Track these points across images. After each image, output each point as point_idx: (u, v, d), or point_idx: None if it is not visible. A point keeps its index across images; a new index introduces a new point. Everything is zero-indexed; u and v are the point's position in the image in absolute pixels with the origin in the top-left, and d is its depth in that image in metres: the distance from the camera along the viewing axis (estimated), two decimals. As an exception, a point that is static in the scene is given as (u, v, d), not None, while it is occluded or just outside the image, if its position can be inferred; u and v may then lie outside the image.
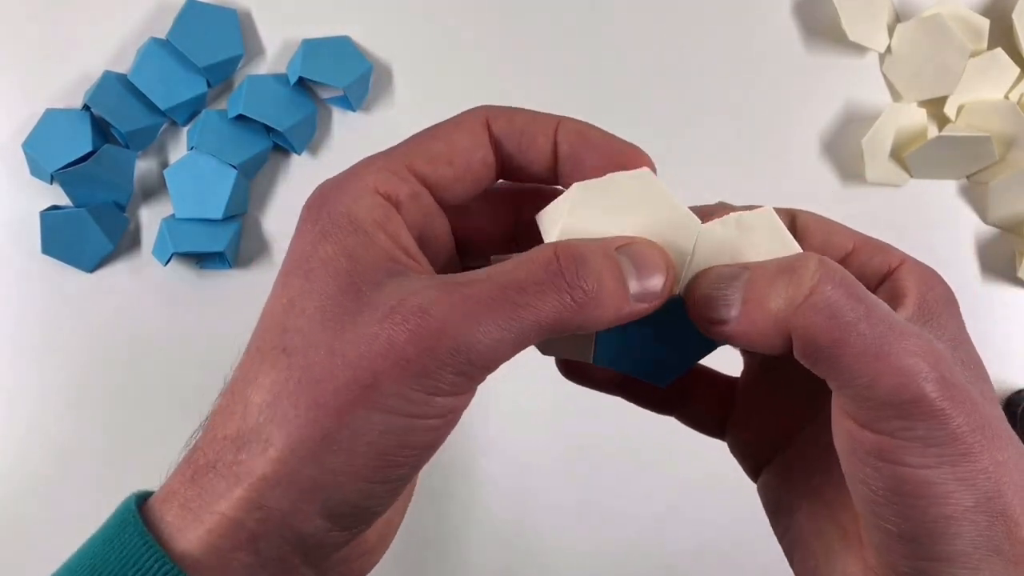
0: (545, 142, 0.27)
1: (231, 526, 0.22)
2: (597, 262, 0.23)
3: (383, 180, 0.25)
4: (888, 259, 0.26)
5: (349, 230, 0.23)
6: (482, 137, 0.27)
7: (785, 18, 0.52)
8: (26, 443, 0.50)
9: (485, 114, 0.27)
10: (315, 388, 0.22)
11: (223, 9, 0.50)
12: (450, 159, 0.26)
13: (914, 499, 0.23)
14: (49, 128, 0.48)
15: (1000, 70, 0.51)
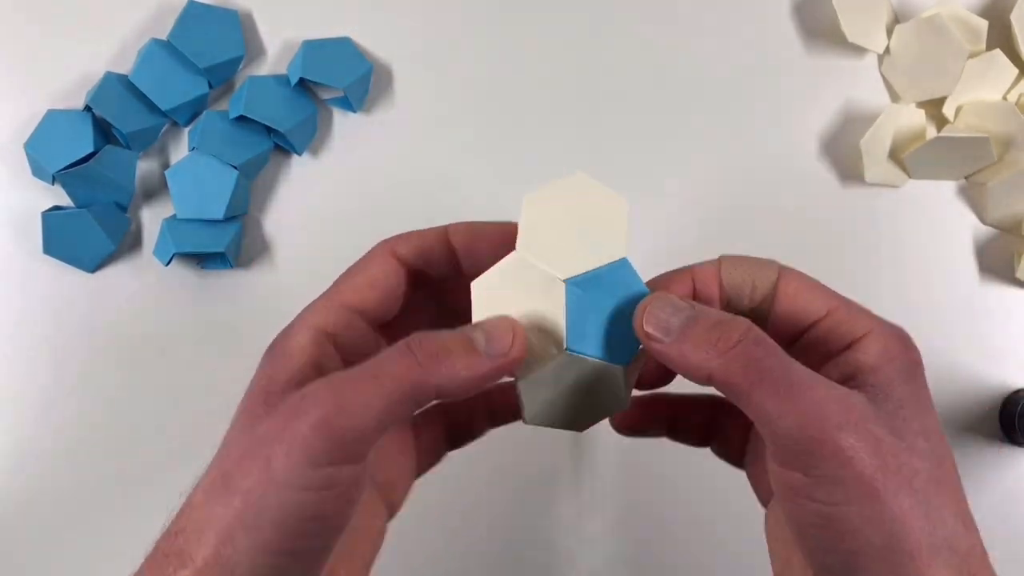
0: (441, 249, 0.33)
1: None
2: (443, 336, 0.28)
3: (321, 317, 0.31)
4: (855, 329, 0.29)
5: (277, 358, 0.30)
6: (391, 263, 0.33)
7: (784, 19, 0.52)
8: (27, 443, 0.50)
9: (389, 246, 0.33)
10: (229, 481, 0.27)
11: (224, 10, 0.50)
12: (371, 287, 0.32)
13: (829, 533, 0.25)
14: (51, 129, 0.48)
15: (998, 71, 0.51)
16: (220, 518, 0.27)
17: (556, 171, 0.51)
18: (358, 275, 0.32)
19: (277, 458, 0.26)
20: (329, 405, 0.26)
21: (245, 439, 0.28)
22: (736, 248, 0.51)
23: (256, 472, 0.26)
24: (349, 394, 0.27)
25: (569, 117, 0.52)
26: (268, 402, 0.28)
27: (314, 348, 0.30)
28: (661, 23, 0.52)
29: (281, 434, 0.26)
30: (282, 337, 0.31)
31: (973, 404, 0.51)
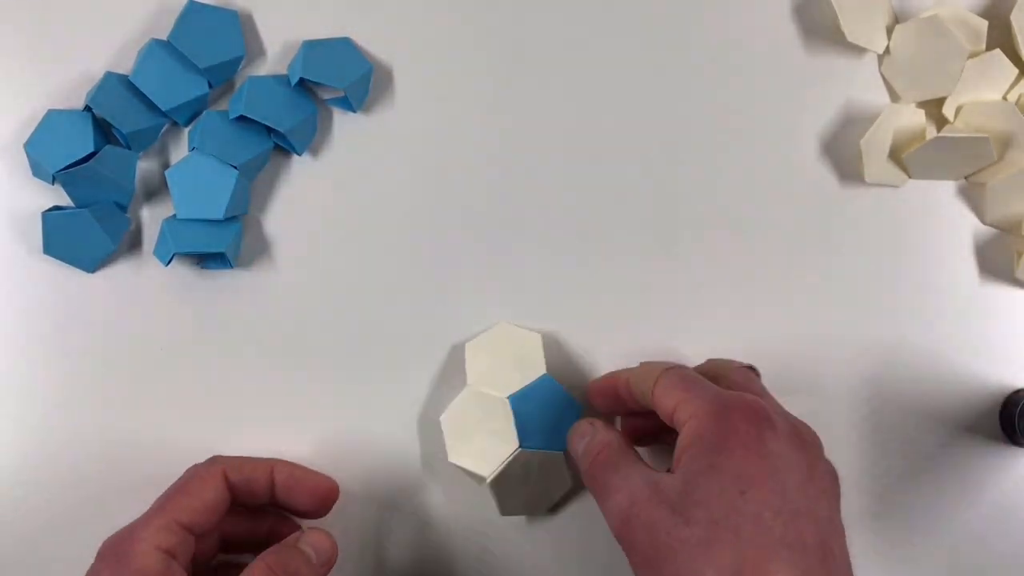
0: (265, 481, 0.42)
1: None
2: (290, 558, 0.38)
3: (163, 538, 0.37)
4: (682, 417, 0.37)
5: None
6: (220, 484, 0.40)
7: (783, 19, 0.52)
8: (27, 443, 0.50)
9: (222, 467, 0.41)
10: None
11: (224, 10, 0.50)
12: (203, 508, 0.39)
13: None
14: (51, 129, 0.48)
15: (998, 71, 0.51)
16: None
17: (555, 170, 0.52)
18: (193, 496, 0.39)
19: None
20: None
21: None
22: (736, 248, 0.51)
23: None
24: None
25: (568, 116, 0.52)
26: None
27: (167, 572, 0.36)
28: (661, 23, 0.52)
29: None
30: (126, 553, 0.36)
31: (973, 404, 0.51)
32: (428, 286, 0.51)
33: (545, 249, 0.51)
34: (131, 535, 0.37)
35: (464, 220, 0.52)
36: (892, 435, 0.51)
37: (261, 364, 0.51)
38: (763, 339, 0.51)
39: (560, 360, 0.50)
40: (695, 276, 0.51)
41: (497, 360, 0.46)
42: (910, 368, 0.52)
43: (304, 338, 0.51)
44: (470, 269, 0.51)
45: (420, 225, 0.51)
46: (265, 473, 0.42)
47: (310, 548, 0.39)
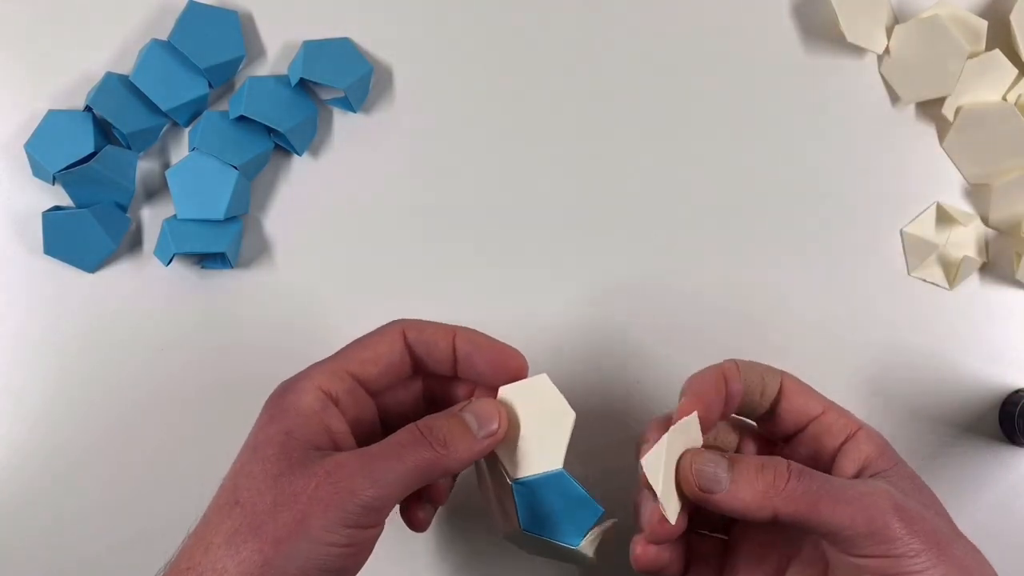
0: (446, 347, 0.38)
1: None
2: (446, 423, 0.34)
3: (326, 381, 0.35)
4: (849, 424, 0.36)
5: (292, 415, 0.34)
6: (399, 344, 0.37)
7: (783, 19, 0.52)
8: (27, 443, 0.50)
9: (402, 327, 0.38)
10: (260, 528, 0.31)
11: (224, 11, 0.50)
12: (375, 362, 0.37)
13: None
14: (51, 129, 0.48)
15: (998, 71, 0.51)
16: (249, 561, 0.30)
17: (555, 170, 0.52)
18: (368, 348, 0.37)
19: (315, 515, 0.30)
20: (362, 477, 0.31)
21: (272, 491, 0.31)
22: (736, 247, 0.51)
23: (291, 524, 0.30)
24: (378, 470, 0.32)
25: (568, 116, 0.52)
26: (290, 459, 0.32)
27: (323, 411, 0.34)
28: (660, 23, 0.52)
29: (317, 493, 0.31)
30: (290, 392, 0.35)
31: (973, 404, 0.51)
32: (428, 286, 0.51)
33: (545, 249, 0.51)
34: (300, 376, 0.36)
35: (464, 220, 0.52)
36: (892, 435, 0.51)
37: (261, 364, 0.51)
38: (763, 339, 0.51)
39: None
40: (696, 277, 0.51)
41: (523, 424, 0.38)
42: (910, 368, 0.51)
43: (304, 338, 0.51)
44: (470, 269, 0.51)
45: (420, 225, 0.51)
46: (446, 337, 0.38)
47: (472, 416, 0.35)
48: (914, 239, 0.51)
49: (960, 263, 0.51)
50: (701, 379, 0.36)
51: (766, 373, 0.37)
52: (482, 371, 0.38)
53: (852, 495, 0.32)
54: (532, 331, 0.50)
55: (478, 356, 0.37)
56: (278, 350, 0.51)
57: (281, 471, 0.32)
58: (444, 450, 0.33)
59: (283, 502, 0.31)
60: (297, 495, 0.31)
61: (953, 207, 0.52)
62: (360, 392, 0.37)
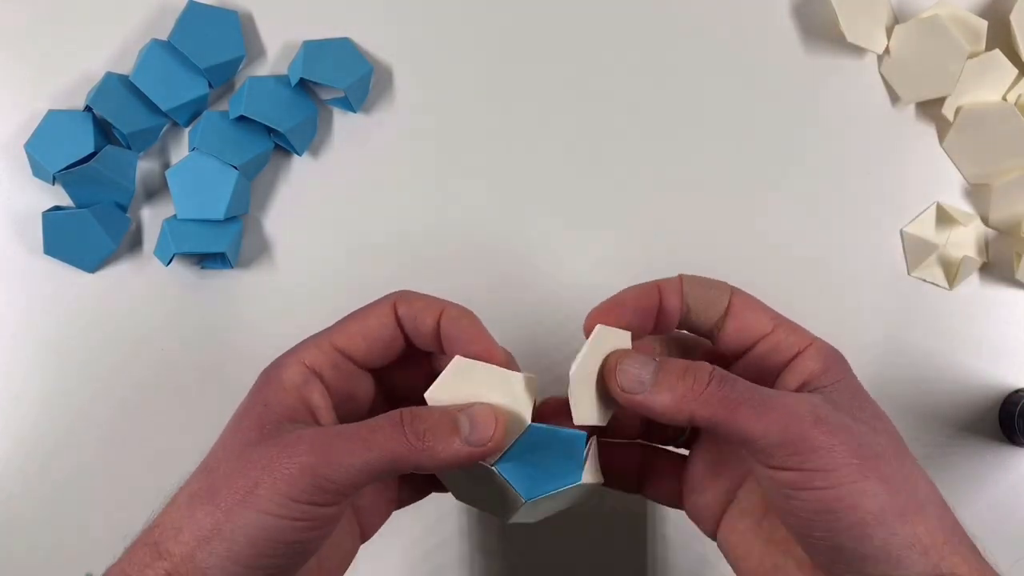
0: (431, 324, 0.35)
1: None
2: (434, 416, 0.32)
3: (311, 355, 0.34)
4: (796, 343, 0.34)
5: (272, 387, 0.33)
6: (389, 318, 0.35)
7: (783, 19, 0.52)
8: (27, 443, 0.50)
9: (391, 302, 0.36)
10: (216, 492, 0.30)
11: (224, 11, 0.50)
12: (363, 335, 0.35)
13: (831, 514, 0.30)
14: (51, 129, 0.48)
15: (998, 71, 0.51)
16: (200, 523, 0.30)
17: (556, 170, 0.52)
18: (355, 322, 0.35)
19: (264, 484, 0.30)
20: (318, 454, 0.30)
21: (235, 459, 0.31)
22: (736, 247, 0.51)
23: (242, 492, 0.30)
24: (338, 451, 0.30)
25: (569, 116, 0.52)
26: (263, 429, 0.32)
27: (304, 384, 0.33)
28: (660, 24, 0.52)
29: (271, 464, 0.30)
30: (276, 366, 0.34)
31: (973, 404, 0.51)
32: (428, 286, 0.51)
33: (545, 248, 0.51)
34: (289, 351, 0.35)
35: (464, 219, 0.52)
36: (892, 435, 0.51)
37: (261, 364, 0.50)
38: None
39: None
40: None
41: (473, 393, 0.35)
42: (910, 368, 0.52)
43: (304, 338, 0.51)
44: (470, 268, 0.51)
45: (420, 224, 0.51)
46: (433, 314, 0.35)
47: (466, 419, 0.32)
48: (914, 239, 0.51)
49: (960, 263, 0.51)
50: (634, 290, 0.35)
51: (714, 288, 0.35)
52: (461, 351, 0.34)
53: (772, 404, 0.30)
54: (532, 329, 0.50)
55: (459, 345, 0.34)
56: (278, 350, 0.50)
57: (250, 441, 0.31)
58: (420, 444, 0.31)
59: (240, 469, 0.31)
60: (253, 464, 0.30)
61: (953, 207, 0.52)
62: (349, 367, 0.35)
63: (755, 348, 0.35)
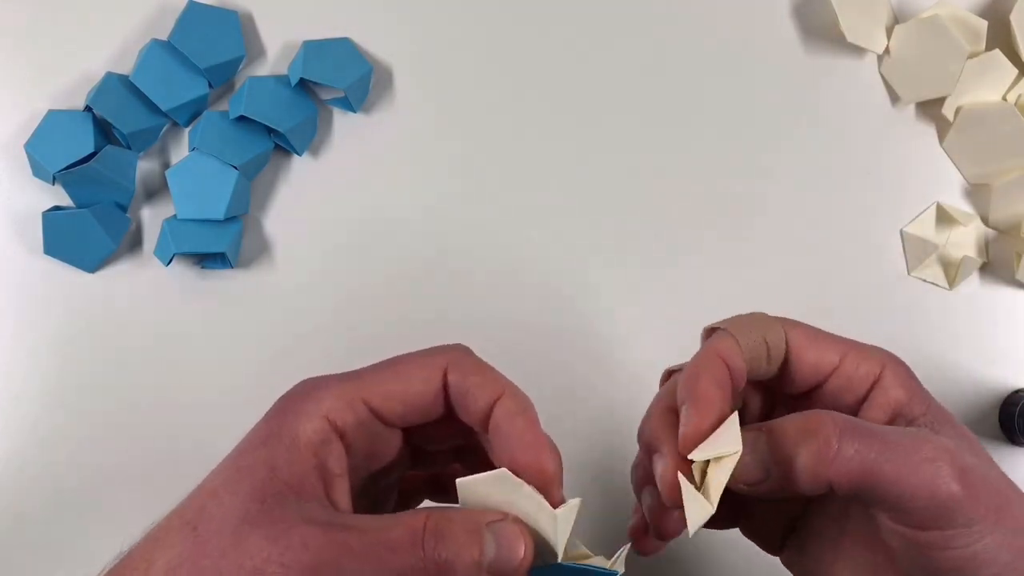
0: (484, 407, 0.30)
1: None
2: (459, 537, 0.27)
3: (335, 409, 0.29)
4: (871, 368, 0.31)
5: (286, 444, 0.28)
6: (436, 383, 0.30)
7: (783, 19, 0.52)
8: (26, 442, 0.50)
9: (447, 362, 0.30)
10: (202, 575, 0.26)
11: (224, 11, 0.50)
12: (403, 399, 0.30)
13: (966, 571, 0.28)
14: (51, 129, 0.48)
15: (998, 71, 0.51)
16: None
17: (555, 170, 0.52)
18: (396, 380, 0.30)
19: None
20: (325, 572, 0.26)
21: (230, 537, 0.27)
22: (736, 247, 0.51)
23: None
24: (350, 569, 0.26)
25: (569, 116, 0.52)
26: (264, 502, 0.27)
27: (323, 445, 0.29)
28: (660, 23, 0.52)
29: (267, 569, 0.26)
30: (293, 413, 0.29)
31: (973, 404, 0.51)
32: (428, 285, 0.51)
33: (545, 247, 0.51)
34: (310, 393, 0.30)
35: (464, 219, 0.52)
36: (892, 435, 0.51)
37: (261, 364, 0.51)
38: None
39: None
40: (696, 278, 0.51)
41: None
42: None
43: (304, 338, 0.51)
44: (470, 268, 0.51)
45: (420, 224, 0.51)
46: (488, 397, 0.30)
47: (491, 537, 0.28)
48: (914, 239, 0.51)
49: (960, 263, 0.51)
50: (699, 380, 0.30)
51: (767, 332, 0.31)
52: (505, 458, 0.30)
53: (913, 458, 0.28)
54: (532, 329, 0.50)
55: (509, 444, 0.30)
56: (278, 350, 0.51)
57: (248, 514, 0.27)
58: (434, 571, 0.27)
59: (233, 558, 0.26)
60: (247, 557, 0.26)
61: (953, 207, 0.52)
62: (377, 427, 0.30)
63: (824, 386, 0.32)
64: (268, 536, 0.26)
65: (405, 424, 0.31)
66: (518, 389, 0.30)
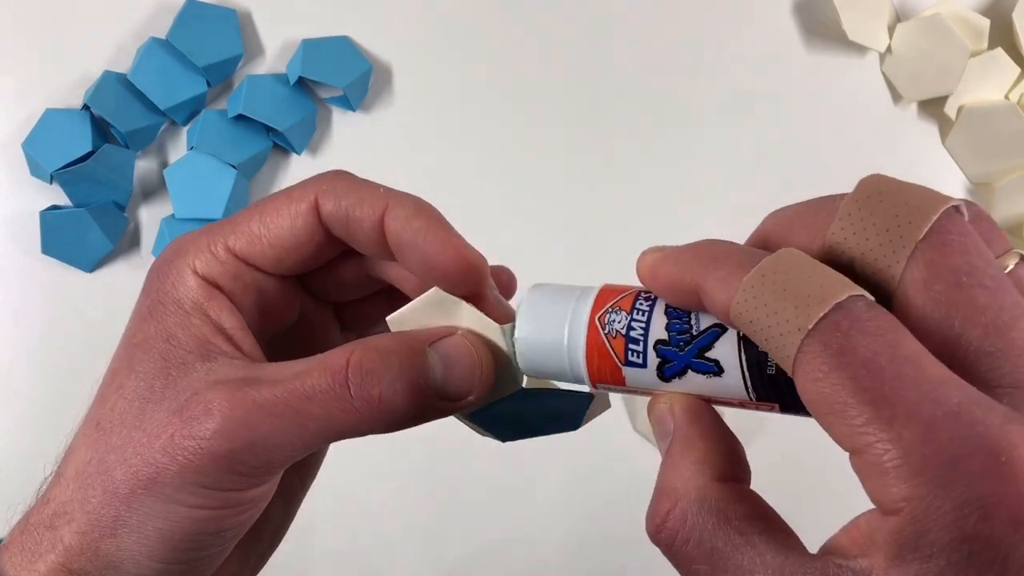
0: (372, 227, 0.26)
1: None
2: (393, 366, 0.23)
3: (202, 262, 0.25)
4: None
5: (171, 310, 0.25)
6: (305, 216, 0.26)
7: (785, 18, 0.52)
8: (26, 442, 0.50)
9: (315, 192, 0.26)
10: (110, 472, 0.24)
11: (223, 9, 0.50)
12: (269, 242, 0.25)
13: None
14: (49, 128, 0.48)
15: (1000, 70, 0.51)
16: (96, 511, 0.24)
17: (555, 170, 0.51)
18: (264, 219, 0.26)
19: (167, 473, 0.23)
20: (233, 437, 0.22)
21: (132, 423, 0.24)
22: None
23: (142, 479, 0.23)
24: (259, 429, 0.22)
25: (568, 116, 0.52)
26: (167, 376, 0.24)
27: (208, 301, 0.25)
28: (661, 23, 0.52)
29: (173, 445, 0.23)
30: (166, 276, 0.26)
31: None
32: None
33: (544, 246, 0.51)
34: (173, 252, 0.26)
35: (463, 218, 0.51)
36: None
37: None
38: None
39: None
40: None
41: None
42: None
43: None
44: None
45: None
46: (372, 211, 0.25)
47: (437, 359, 0.23)
48: None
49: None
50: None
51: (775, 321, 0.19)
52: (422, 265, 0.25)
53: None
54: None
55: (417, 255, 0.25)
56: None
57: (152, 391, 0.24)
58: (371, 411, 0.23)
59: (139, 440, 0.23)
60: (152, 438, 0.23)
61: (955, 206, 0.52)
62: (254, 277, 0.26)
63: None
64: (171, 409, 0.23)
65: (285, 270, 0.26)
66: (407, 195, 0.26)
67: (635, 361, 0.22)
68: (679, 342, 0.21)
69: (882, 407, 0.17)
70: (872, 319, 0.17)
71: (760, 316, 0.19)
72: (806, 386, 0.18)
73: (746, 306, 0.19)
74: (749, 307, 0.19)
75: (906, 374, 0.17)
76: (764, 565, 0.18)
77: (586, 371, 0.23)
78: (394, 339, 0.24)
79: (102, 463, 0.24)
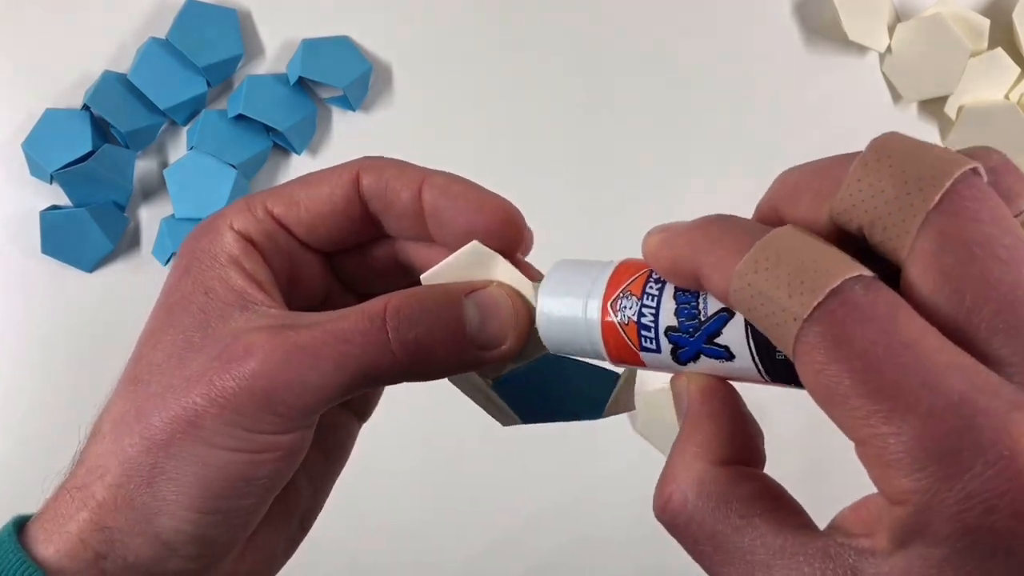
0: (410, 198, 0.27)
1: (77, 545, 0.24)
2: (431, 311, 0.23)
3: (240, 219, 0.26)
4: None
5: (208, 264, 0.25)
6: (346, 189, 0.27)
7: (785, 18, 0.52)
8: (25, 442, 0.50)
9: (358, 167, 0.27)
10: (147, 420, 0.24)
11: (223, 9, 0.50)
12: (306, 206, 0.26)
13: None
14: (49, 128, 0.48)
15: (1000, 70, 0.51)
16: (132, 459, 0.23)
17: (554, 170, 0.51)
18: (301, 186, 0.27)
19: (207, 415, 0.23)
20: (272, 375, 0.23)
21: (170, 370, 0.24)
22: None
23: (181, 422, 0.23)
24: (298, 369, 0.23)
25: (568, 115, 0.52)
26: (207, 327, 0.24)
27: (245, 255, 0.25)
28: (661, 23, 0.52)
29: (212, 387, 0.23)
30: (204, 235, 0.26)
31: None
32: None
33: (544, 246, 0.51)
34: (216, 215, 0.26)
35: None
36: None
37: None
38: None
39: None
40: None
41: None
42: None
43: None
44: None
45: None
46: (411, 186, 0.27)
47: (474, 308, 0.24)
48: None
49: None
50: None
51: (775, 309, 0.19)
52: (458, 231, 0.26)
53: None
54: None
55: (454, 220, 0.26)
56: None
57: (191, 343, 0.24)
58: (409, 355, 0.23)
59: (177, 388, 0.23)
60: (192, 381, 0.23)
61: (955, 206, 0.52)
62: (289, 243, 0.26)
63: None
64: (211, 355, 0.23)
65: (318, 241, 0.27)
66: (443, 171, 0.27)
67: (649, 347, 0.22)
68: (688, 328, 0.21)
69: (881, 400, 0.16)
70: (870, 304, 0.17)
71: (756, 305, 0.18)
72: (807, 377, 0.18)
73: (742, 295, 0.19)
74: (745, 296, 0.18)
75: (905, 363, 0.16)
76: (765, 546, 0.19)
77: (605, 351, 0.23)
78: (432, 288, 0.24)
79: (140, 411, 0.24)
